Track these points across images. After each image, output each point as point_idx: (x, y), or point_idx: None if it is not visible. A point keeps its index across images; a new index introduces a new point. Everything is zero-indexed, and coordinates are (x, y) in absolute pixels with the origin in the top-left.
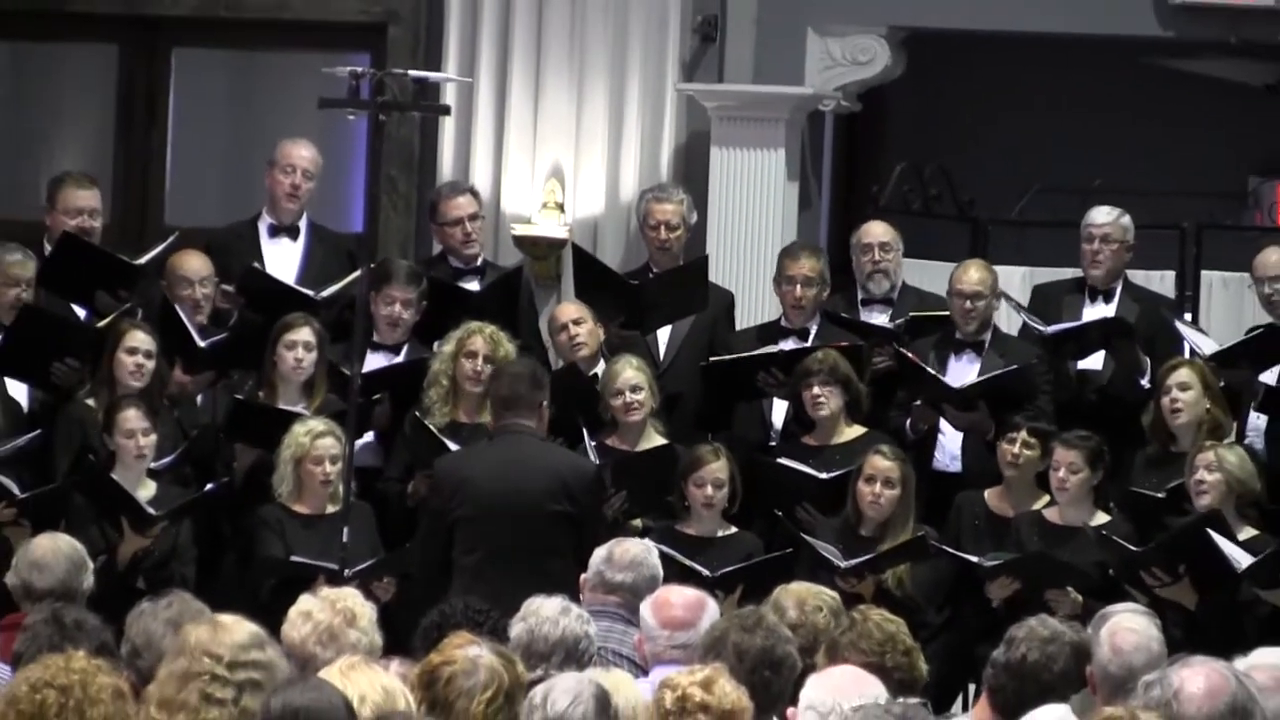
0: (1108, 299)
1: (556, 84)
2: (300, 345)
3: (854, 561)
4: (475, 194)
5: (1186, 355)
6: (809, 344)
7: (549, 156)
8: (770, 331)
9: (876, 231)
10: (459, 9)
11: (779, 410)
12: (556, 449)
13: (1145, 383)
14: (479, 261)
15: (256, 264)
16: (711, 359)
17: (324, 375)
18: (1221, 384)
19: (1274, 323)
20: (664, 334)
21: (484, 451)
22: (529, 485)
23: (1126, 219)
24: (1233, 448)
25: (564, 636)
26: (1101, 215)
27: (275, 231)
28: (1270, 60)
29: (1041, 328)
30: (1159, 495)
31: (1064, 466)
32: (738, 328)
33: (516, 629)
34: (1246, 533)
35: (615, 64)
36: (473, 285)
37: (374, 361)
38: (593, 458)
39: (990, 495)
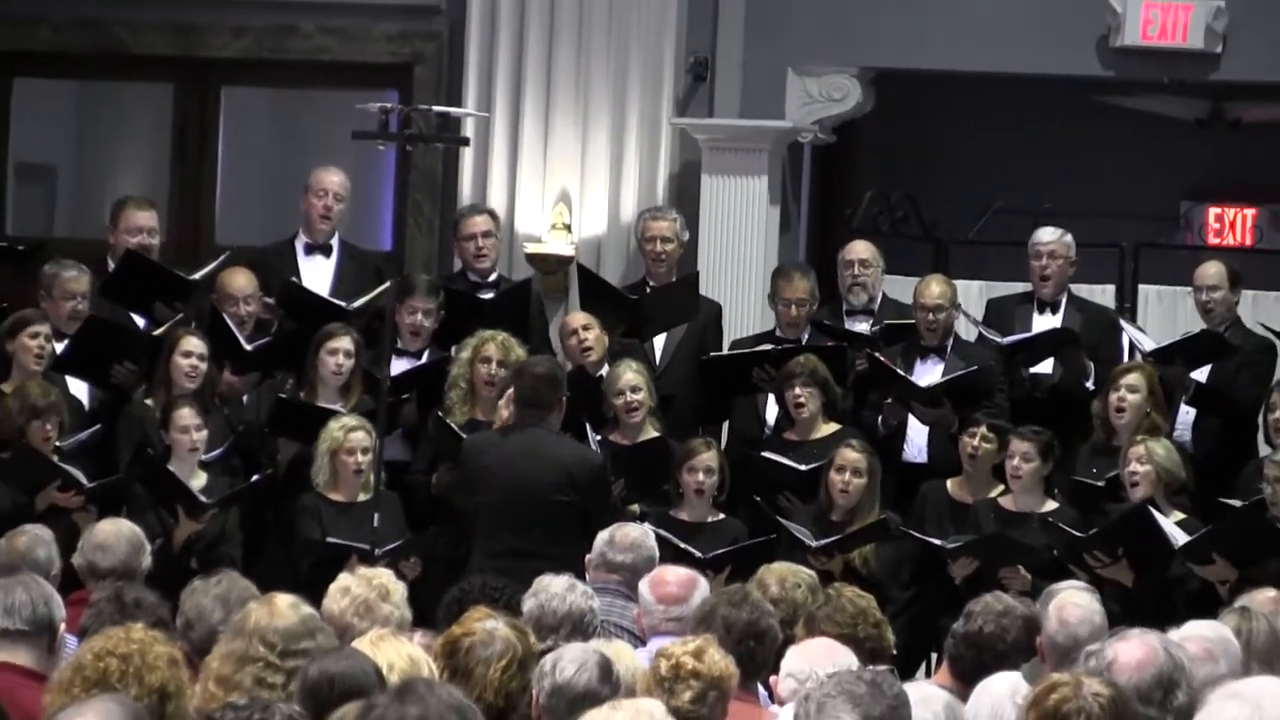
0: (1054, 310)
1: (564, 118)
2: (341, 352)
3: (824, 542)
4: (493, 215)
5: (1127, 354)
6: (787, 346)
7: (557, 183)
8: (767, 341)
9: (857, 250)
10: (477, 51)
11: (772, 406)
12: (566, 442)
13: (1090, 384)
14: (493, 276)
15: (294, 279)
16: (712, 354)
17: (359, 378)
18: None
19: (1208, 328)
20: (660, 341)
21: (503, 443)
22: (538, 476)
23: (1069, 237)
24: (1161, 441)
25: (571, 611)
26: (1047, 234)
27: (311, 250)
28: (1199, 97)
29: (998, 339)
30: (1099, 484)
31: (1018, 456)
32: (725, 335)
33: (528, 604)
34: (1176, 517)
35: (616, 100)
36: (488, 297)
37: (398, 366)
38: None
39: (952, 484)
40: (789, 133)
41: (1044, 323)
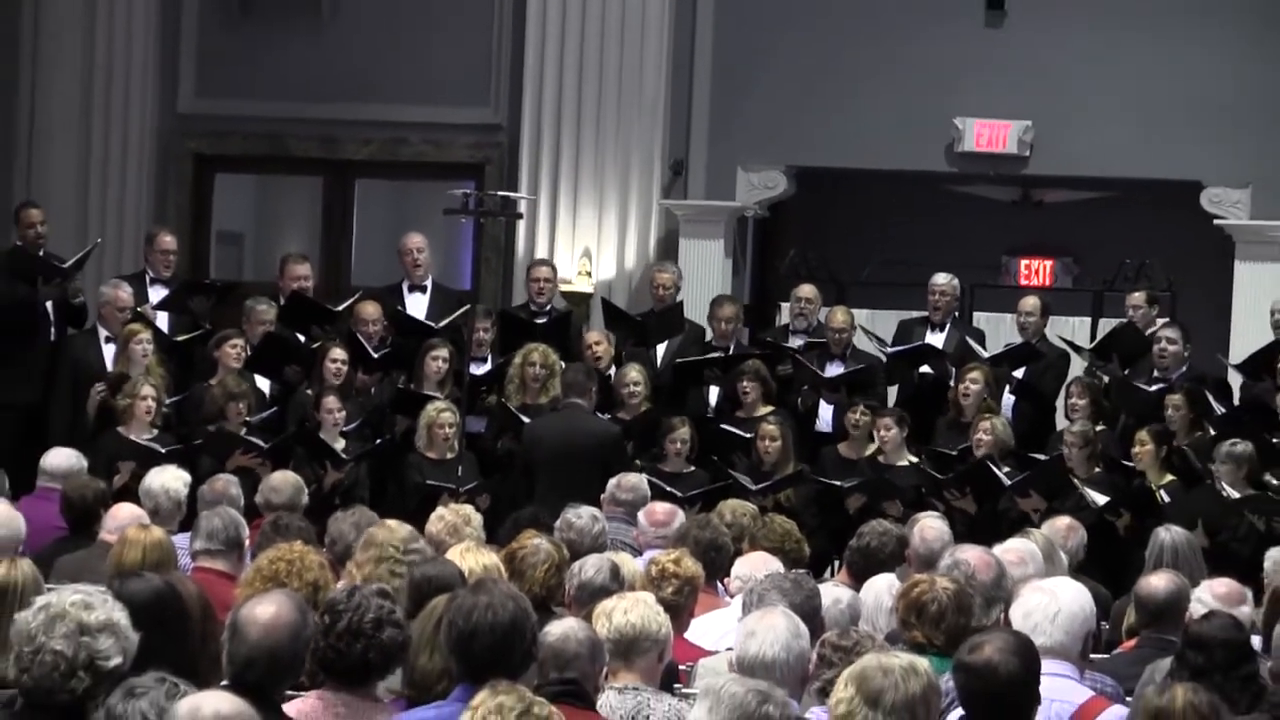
0: (942, 328)
1: (586, 200)
2: (440, 358)
3: (760, 486)
4: (554, 268)
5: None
6: (732, 354)
7: (582, 243)
8: (708, 348)
9: (804, 291)
10: (527, 155)
11: (714, 394)
12: (596, 419)
13: (952, 383)
14: (548, 307)
15: (401, 309)
16: (678, 360)
17: (451, 376)
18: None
19: (1025, 341)
20: (661, 350)
21: (551, 420)
22: (576, 442)
23: (955, 280)
24: (998, 417)
25: (591, 533)
26: (942, 278)
27: (412, 289)
28: (1014, 185)
29: (885, 351)
30: (953, 453)
31: (882, 428)
32: None
33: (560, 534)
34: (1006, 470)
35: (621, 187)
36: (541, 321)
37: (473, 368)
38: None
39: (842, 446)
40: (738, 210)
41: (935, 339)
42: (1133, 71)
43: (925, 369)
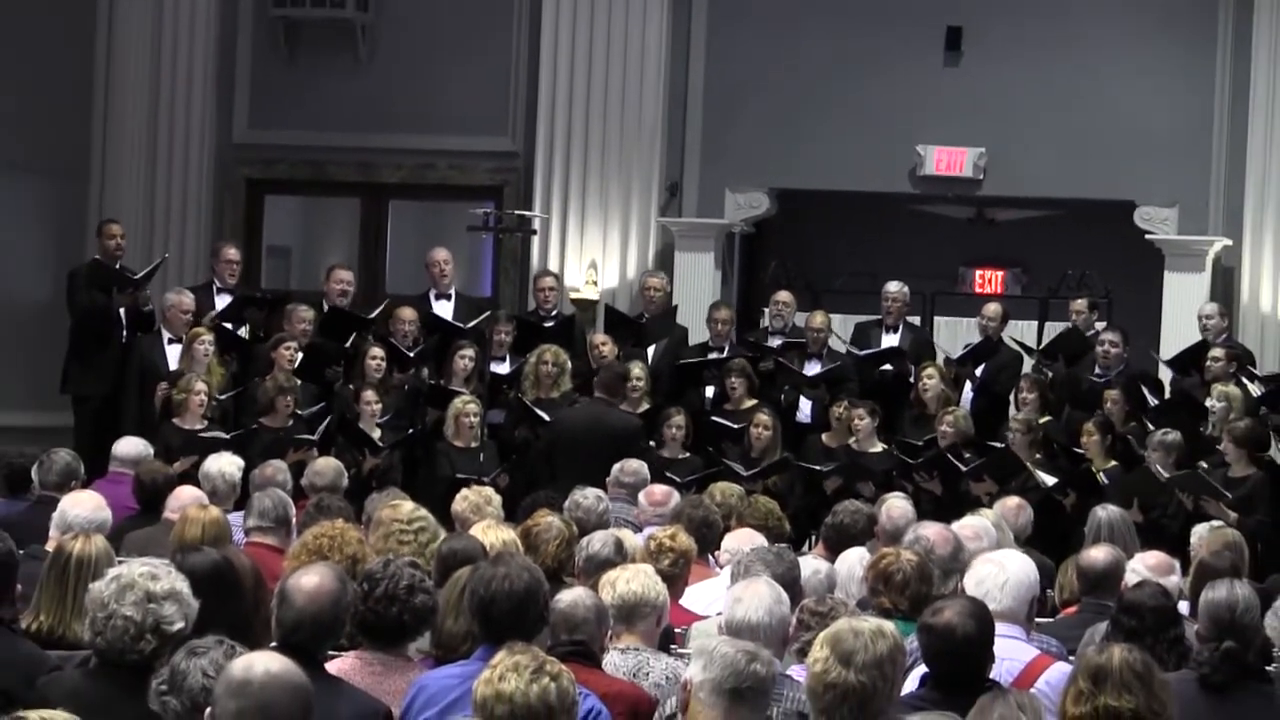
0: (896, 331)
1: (592, 218)
2: (467, 357)
3: (750, 472)
4: (557, 277)
5: (940, 361)
6: (727, 355)
7: (588, 256)
8: (705, 349)
9: (782, 296)
10: (541, 179)
11: (709, 391)
12: (616, 411)
13: (912, 380)
14: (554, 312)
15: (431, 312)
16: (680, 360)
17: (476, 373)
18: (953, 374)
19: (986, 338)
20: (652, 350)
21: (574, 412)
22: (595, 434)
23: (906, 288)
24: (962, 411)
25: (597, 511)
26: (894, 286)
27: (438, 297)
28: (970, 205)
29: (856, 352)
30: (919, 443)
31: (856, 418)
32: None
33: (569, 512)
34: (967, 455)
35: (623, 206)
36: (549, 324)
37: (493, 366)
38: None
39: (826, 436)
40: (726, 226)
41: (889, 340)
42: (1074, 104)
43: (886, 366)
